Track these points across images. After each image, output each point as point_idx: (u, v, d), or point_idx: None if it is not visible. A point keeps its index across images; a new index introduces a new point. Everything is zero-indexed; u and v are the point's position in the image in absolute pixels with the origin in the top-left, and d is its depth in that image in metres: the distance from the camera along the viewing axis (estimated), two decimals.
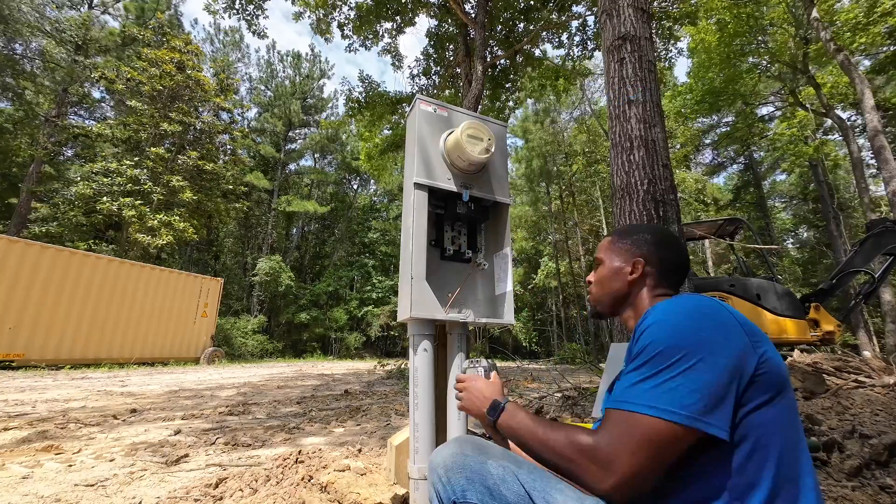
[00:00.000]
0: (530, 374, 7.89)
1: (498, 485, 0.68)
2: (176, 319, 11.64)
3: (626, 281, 0.90)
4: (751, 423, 0.62)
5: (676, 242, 0.93)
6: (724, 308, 0.68)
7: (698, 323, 0.65)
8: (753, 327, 0.69)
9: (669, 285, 0.90)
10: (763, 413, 0.63)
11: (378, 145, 12.09)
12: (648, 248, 0.90)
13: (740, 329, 0.66)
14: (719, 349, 0.62)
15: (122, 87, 15.55)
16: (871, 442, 1.58)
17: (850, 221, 20.54)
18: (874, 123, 8.74)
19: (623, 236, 0.95)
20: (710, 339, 0.63)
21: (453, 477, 0.71)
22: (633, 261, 0.90)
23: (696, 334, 0.64)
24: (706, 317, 0.66)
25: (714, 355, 0.62)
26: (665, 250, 0.90)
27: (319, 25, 10.07)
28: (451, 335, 1.50)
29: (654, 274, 0.89)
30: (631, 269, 0.90)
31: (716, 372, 0.61)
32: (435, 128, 1.54)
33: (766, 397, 0.63)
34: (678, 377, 0.61)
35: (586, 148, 22.91)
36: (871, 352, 11.96)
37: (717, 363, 0.61)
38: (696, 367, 0.61)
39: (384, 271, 27.46)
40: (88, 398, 4.32)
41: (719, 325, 0.65)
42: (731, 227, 7.39)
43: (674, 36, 10.30)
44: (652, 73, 2.79)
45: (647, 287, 0.89)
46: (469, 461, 0.72)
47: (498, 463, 0.72)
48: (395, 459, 1.54)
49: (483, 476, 0.70)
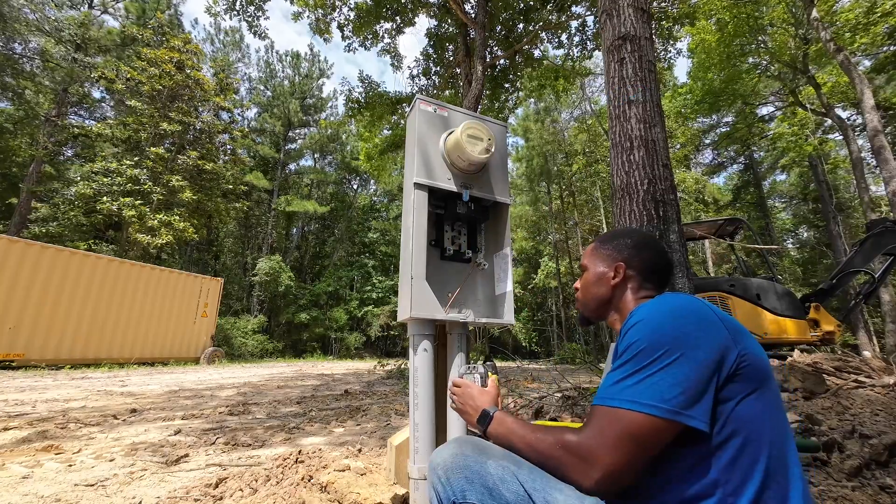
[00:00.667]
0: (530, 374, 7.89)
1: (497, 485, 0.69)
2: (176, 319, 11.64)
3: (610, 286, 0.93)
4: (738, 417, 0.63)
5: (656, 245, 0.95)
6: (705, 305, 0.71)
7: (679, 320, 0.67)
8: (734, 323, 0.71)
9: (653, 286, 0.92)
10: (749, 405, 0.64)
11: (378, 145, 12.09)
12: (629, 252, 0.93)
13: (721, 324, 0.68)
14: (699, 344, 0.64)
15: (122, 86, 15.55)
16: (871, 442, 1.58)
17: (851, 221, 20.54)
18: (874, 123, 8.74)
19: (605, 242, 0.98)
20: (690, 335, 0.65)
21: (453, 477, 0.72)
22: (615, 265, 0.93)
23: (677, 331, 0.66)
24: (687, 314, 0.68)
25: (694, 350, 0.64)
26: (646, 253, 0.93)
27: (319, 25, 10.06)
28: (451, 335, 1.50)
29: (637, 277, 0.92)
30: (613, 274, 0.93)
31: (696, 366, 0.63)
32: (435, 128, 1.54)
33: (750, 389, 0.65)
34: (659, 372, 0.63)
35: (587, 148, 22.91)
36: (871, 352, 11.96)
37: (696, 357, 0.63)
38: (677, 363, 0.63)
39: (384, 271, 27.46)
40: (88, 398, 4.32)
41: (699, 321, 0.67)
42: (732, 227, 7.39)
43: (673, 36, 10.30)
44: (652, 73, 2.79)
45: (631, 290, 0.92)
46: (469, 462, 0.73)
47: (498, 463, 0.72)
48: (395, 459, 1.54)
49: (483, 476, 0.71)
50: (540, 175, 25.24)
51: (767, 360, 0.71)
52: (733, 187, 26.43)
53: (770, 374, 0.69)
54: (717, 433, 0.63)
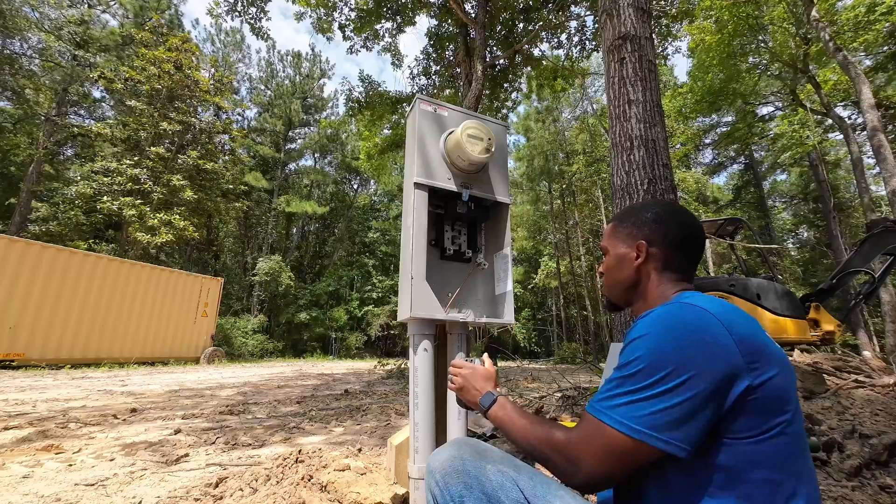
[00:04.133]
0: (530, 374, 7.89)
1: (496, 491, 0.68)
2: (176, 319, 11.64)
3: (633, 267, 0.85)
4: (737, 452, 0.61)
5: (681, 214, 0.86)
6: (717, 323, 0.64)
7: (682, 342, 0.63)
8: (759, 346, 0.64)
9: (679, 266, 0.83)
10: (755, 446, 0.61)
11: (378, 145, 12.09)
12: (650, 227, 0.84)
13: (733, 347, 0.62)
14: (699, 370, 0.61)
15: (121, 86, 15.55)
16: (871, 442, 1.58)
17: (851, 221, 20.54)
18: (873, 122, 8.73)
19: (623, 220, 0.90)
20: (691, 360, 0.61)
21: (451, 482, 0.71)
22: (637, 244, 0.84)
23: (678, 353, 0.62)
24: (692, 334, 0.63)
25: (693, 378, 0.61)
26: (668, 226, 0.83)
27: (321, 24, 10.07)
28: (451, 335, 1.50)
29: (660, 256, 0.83)
30: (636, 254, 0.84)
31: (690, 394, 0.60)
32: (435, 128, 1.54)
33: (764, 425, 0.61)
34: (652, 398, 0.62)
35: (587, 148, 22.91)
36: (871, 352, 11.96)
37: (694, 385, 0.60)
38: (672, 390, 0.61)
39: (384, 271, 27.45)
40: (89, 398, 4.33)
41: (705, 343, 0.62)
42: (732, 227, 7.38)
43: (671, 34, 10.30)
44: (652, 73, 2.79)
45: (655, 271, 0.83)
46: (467, 466, 0.72)
47: (497, 468, 0.71)
48: (395, 459, 1.54)
49: (481, 482, 0.70)
50: (541, 174, 25.25)
51: (793, 391, 0.66)
52: (733, 187, 26.42)
53: (792, 407, 0.64)
54: (712, 464, 0.62)
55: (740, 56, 14.06)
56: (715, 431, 0.62)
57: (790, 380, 0.66)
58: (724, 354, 0.61)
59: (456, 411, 1.38)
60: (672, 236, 0.83)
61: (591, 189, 23.80)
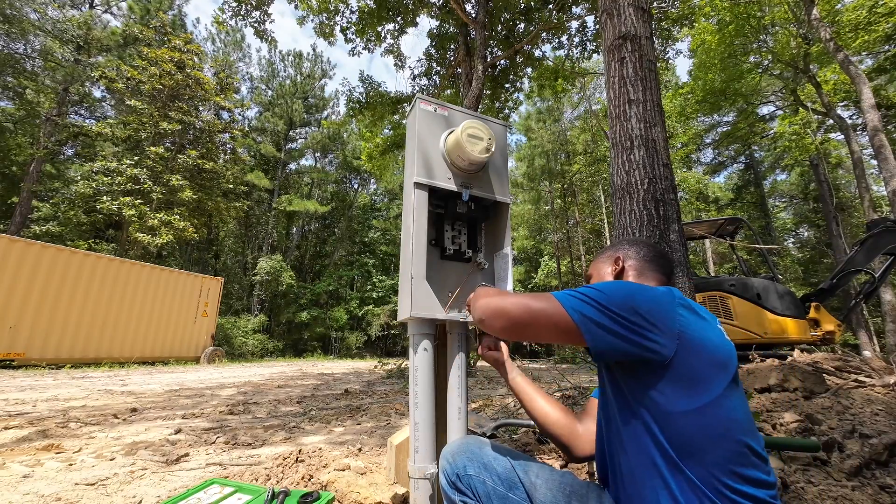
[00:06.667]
0: (530, 374, 7.89)
1: (491, 461, 0.89)
2: (176, 319, 11.64)
3: (612, 277, 1.00)
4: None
5: (652, 243, 1.03)
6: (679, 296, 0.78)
7: (645, 294, 0.75)
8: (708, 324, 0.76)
9: (653, 277, 0.96)
10: (684, 417, 0.68)
11: (379, 145, 12.09)
12: (624, 247, 1.02)
13: (687, 309, 0.74)
14: (648, 298, 0.73)
15: (122, 86, 15.55)
16: (871, 441, 1.58)
17: (851, 221, 20.51)
18: (874, 122, 8.72)
19: (603, 251, 1.08)
20: (647, 296, 0.73)
21: (457, 457, 0.92)
22: (614, 258, 1.01)
23: (638, 293, 0.74)
24: (654, 293, 0.76)
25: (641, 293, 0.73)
26: (639, 245, 1.01)
27: (322, 29, 10.07)
28: (451, 335, 1.50)
29: (635, 265, 0.97)
30: (614, 267, 1.00)
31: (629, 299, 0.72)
32: (435, 127, 1.54)
33: (686, 391, 0.69)
34: (593, 291, 0.75)
35: (588, 148, 22.89)
36: (872, 351, 11.96)
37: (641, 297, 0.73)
38: (614, 289, 0.74)
39: (384, 270, 27.45)
40: (89, 397, 4.33)
41: (658, 296, 0.74)
42: (732, 227, 7.38)
43: (672, 37, 10.30)
44: (652, 73, 2.78)
45: (634, 275, 0.97)
46: (472, 448, 0.94)
47: (493, 450, 0.93)
48: (395, 458, 1.54)
49: (480, 456, 0.91)
50: (541, 174, 25.24)
51: (732, 351, 0.76)
52: (734, 187, 26.41)
53: (728, 368, 0.74)
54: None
55: (741, 56, 14.05)
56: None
57: (722, 338, 0.79)
58: (673, 313, 0.74)
59: (456, 411, 1.38)
60: (643, 253, 0.99)
61: (592, 188, 23.79)
